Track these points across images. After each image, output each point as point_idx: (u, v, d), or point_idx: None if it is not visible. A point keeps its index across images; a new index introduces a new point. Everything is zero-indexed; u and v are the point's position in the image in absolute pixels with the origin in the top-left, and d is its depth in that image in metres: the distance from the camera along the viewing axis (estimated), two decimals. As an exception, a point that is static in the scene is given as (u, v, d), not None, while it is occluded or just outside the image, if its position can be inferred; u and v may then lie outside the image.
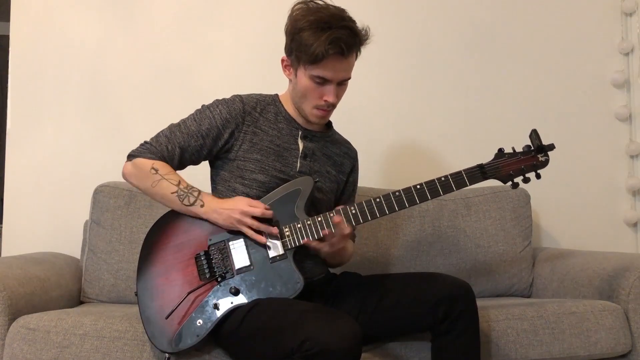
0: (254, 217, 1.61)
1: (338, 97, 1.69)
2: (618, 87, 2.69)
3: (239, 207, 1.61)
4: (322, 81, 1.64)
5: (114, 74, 2.48)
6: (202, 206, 1.63)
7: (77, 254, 2.29)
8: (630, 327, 1.84)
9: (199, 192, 1.65)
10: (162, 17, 2.51)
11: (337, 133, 1.90)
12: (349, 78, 1.69)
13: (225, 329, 1.57)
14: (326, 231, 1.61)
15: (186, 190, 1.64)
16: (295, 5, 1.67)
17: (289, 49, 1.68)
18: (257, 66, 2.50)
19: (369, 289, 1.66)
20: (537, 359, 1.75)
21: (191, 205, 1.63)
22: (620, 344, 1.82)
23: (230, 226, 1.62)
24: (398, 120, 2.59)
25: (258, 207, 1.61)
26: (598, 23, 2.70)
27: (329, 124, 1.87)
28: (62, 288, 2.01)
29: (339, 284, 1.74)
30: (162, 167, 1.67)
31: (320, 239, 1.63)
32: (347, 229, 1.61)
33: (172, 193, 1.64)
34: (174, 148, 1.69)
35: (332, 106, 1.70)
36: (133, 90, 2.48)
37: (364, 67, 1.85)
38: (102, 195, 2.19)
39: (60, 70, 2.45)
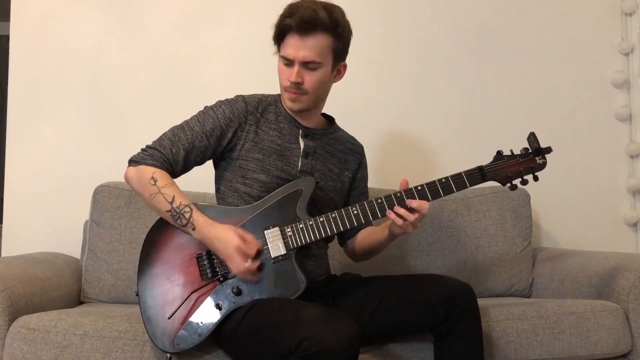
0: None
1: (306, 81, 1.67)
2: (618, 87, 2.69)
3: (232, 243, 1.57)
4: (288, 62, 1.67)
5: (114, 74, 2.48)
6: (193, 229, 1.62)
7: (77, 254, 2.29)
8: (630, 327, 1.85)
9: (191, 212, 1.62)
10: (162, 17, 2.51)
11: (341, 130, 1.89)
12: (314, 61, 1.66)
13: (226, 329, 1.57)
14: (391, 212, 1.59)
15: (179, 211, 1.62)
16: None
17: None
18: (257, 66, 2.49)
19: (369, 290, 1.66)
20: (537, 359, 1.75)
21: (184, 226, 1.62)
22: (620, 344, 1.82)
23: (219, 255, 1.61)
24: (397, 120, 2.59)
25: (252, 249, 1.58)
26: (598, 23, 2.70)
27: (331, 121, 1.87)
28: (62, 288, 2.01)
29: (339, 285, 1.74)
30: (161, 177, 1.65)
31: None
32: (425, 207, 1.60)
33: (167, 211, 1.63)
34: (179, 151, 1.68)
35: (298, 89, 1.68)
36: (133, 90, 2.48)
37: (364, 66, 1.85)
38: (102, 195, 2.19)
39: (60, 70, 2.45)
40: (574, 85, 2.68)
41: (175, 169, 1.70)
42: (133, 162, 1.69)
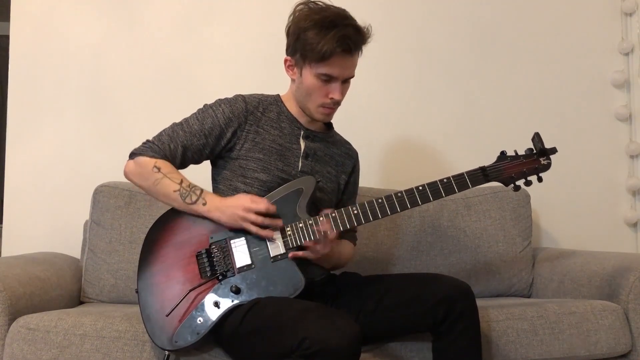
0: (258, 213, 1.60)
1: (342, 94, 1.71)
2: (618, 87, 2.69)
3: (242, 204, 1.60)
4: (328, 79, 1.66)
5: (114, 74, 2.48)
6: (204, 204, 1.62)
7: (77, 254, 2.29)
8: (630, 327, 1.85)
9: (201, 190, 1.65)
10: (162, 17, 2.51)
11: (338, 134, 1.91)
12: (353, 76, 1.71)
13: (225, 329, 1.57)
14: (307, 241, 1.61)
15: (188, 189, 1.63)
16: (297, 6, 1.69)
17: (292, 49, 1.69)
18: (257, 66, 2.50)
19: (369, 290, 1.66)
20: (537, 359, 1.75)
21: (193, 203, 1.63)
22: (620, 344, 1.82)
23: (234, 224, 1.61)
24: (399, 120, 2.59)
25: (261, 203, 1.61)
26: (598, 23, 2.70)
27: (329, 125, 1.88)
28: (62, 288, 2.01)
29: (339, 284, 1.74)
30: (165, 165, 1.66)
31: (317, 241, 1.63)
32: (331, 234, 1.61)
33: (175, 191, 1.63)
34: (177, 147, 1.69)
35: (337, 104, 1.72)
36: (133, 90, 2.48)
37: (365, 66, 1.86)
38: (102, 195, 2.19)
39: (60, 70, 2.45)
40: (574, 85, 2.68)
41: (174, 163, 1.70)
42: (133, 154, 1.71)
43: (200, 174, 1.84)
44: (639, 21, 2.69)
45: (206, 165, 1.81)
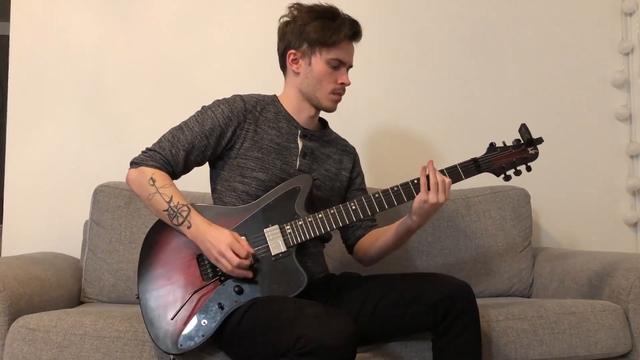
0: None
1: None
2: (618, 87, 2.69)
3: (222, 246, 1.56)
4: (338, 64, 1.73)
5: (114, 74, 2.48)
6: (188, 227, 1.61)
7: (77, 254, 2.29)
8: (630, 327, 1.85)
9: (189, 211, 1.62)
10: (162, 17, 2.51)
11: (334, 132, 1.92)
12: (352, 66, 1.79)
13: (226, 330, 1.57)
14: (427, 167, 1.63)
15: (176, 210, 1.62)
16: (291, 7, 1.77)
17: (297, 42, 1.73)
18: (257, 66, 2.50)
19: (369, 289, 1.66)
20: (537, 359, 1.75)
21: (179, 225, 1.62)
22: (620, 344, 1.82)
23: (209, 258, 1.60)
24: (395, 118, 2.59)
25: (242, 250, 1.57)
26: (598, 23, 2.70)
27: (325, 124, 1.89)
28: (62, 288, 2.01)
29: (339, 284, 1.75)
30: (160, 178, 1.65)
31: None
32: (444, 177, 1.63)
33: (164, 211, 1.63)
34: (178, 152, 1.69)
35: (344, 91, 1.78)
36: (133, 90, 2.48)
37: (361, 64, 1.87)
38: (102, 195, 2.19)
39: (60, 70, 2.45)
40: (574, 85, 2.67)
41: (176, 169, 1.70)
42: (134, 164, 1.70)
43: (197, 176, 1.84)
44: (639, 21, 2.69)
45: (207, 166, 1.80)
